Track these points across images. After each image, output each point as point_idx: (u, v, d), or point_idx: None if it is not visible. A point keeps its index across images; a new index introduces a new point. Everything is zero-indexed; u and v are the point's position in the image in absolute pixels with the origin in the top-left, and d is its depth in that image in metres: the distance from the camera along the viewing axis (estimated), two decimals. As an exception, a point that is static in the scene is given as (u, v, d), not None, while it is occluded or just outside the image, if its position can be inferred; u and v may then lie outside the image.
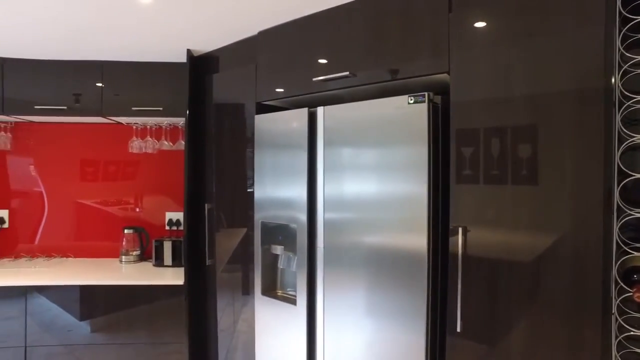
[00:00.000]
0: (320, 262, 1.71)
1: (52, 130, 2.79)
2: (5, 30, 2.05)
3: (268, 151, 1.90)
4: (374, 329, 1.56)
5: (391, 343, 1.51)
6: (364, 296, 1.58)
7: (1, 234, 2.76)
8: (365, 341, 1.58)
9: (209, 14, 1.86)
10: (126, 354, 2.28)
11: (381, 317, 1.54)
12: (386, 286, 1.53)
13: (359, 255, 1.59)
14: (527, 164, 1.25)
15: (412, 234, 1.45)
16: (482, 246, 1.33)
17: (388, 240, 1.52)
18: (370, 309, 1.57)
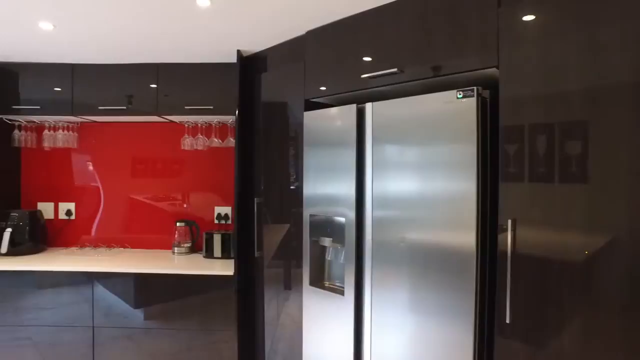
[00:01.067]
0: (368, 257, 1.77)
1: (110, 129, 3.03)
2: (75, 39, 2.28)
3: (316, 147, 1.99)
4: (419, 325, 1.60)
5: (437, 340, 1.54)
6: (411, 292, 1.63)
7: (69, 225, 3.05)
8: (410, 336, 1.63)
9: (260, 16, 1.98)
10: (180, 339, 2.46)
11: (427, 313, 1.57)
12: (433, 283, 1.56)
13: (407, 251, 1.63)
14: (579, 161, 1.24)
15: (460, 232, 1.48)
16: (531, 244, 1.34)
17: (436, 238, 1.55)
18: (417, 305, 1.61)
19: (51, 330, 2.48)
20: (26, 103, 2.73)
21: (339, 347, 1.88)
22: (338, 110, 1.90)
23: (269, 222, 2.40)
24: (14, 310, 2.49)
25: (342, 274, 1.87)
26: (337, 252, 1.93)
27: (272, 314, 2.40)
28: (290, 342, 2.26)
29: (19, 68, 2.75)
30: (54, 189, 3.06)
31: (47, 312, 2.49)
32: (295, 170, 2.28)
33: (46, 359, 2.48)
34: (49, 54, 2.58)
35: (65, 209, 3.04)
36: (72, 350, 2.47)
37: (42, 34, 2.21)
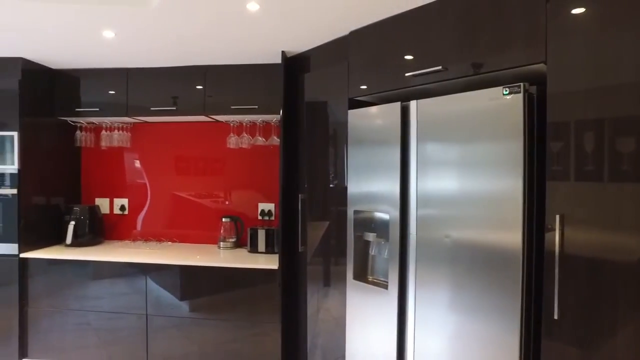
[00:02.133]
0: (412, 253, 1.82)
1: (159, 129, 3.24)
2: (132, 46, 2.47)
3: (360, 145, 2.06)
4: (462, 323, 1.63)
5: (481, 339, 1.56)
6: (454, 289, 1.66)
7: (122, 220, 3.28)
8: (453, 332, 1.66)
9: (305, 17, 2.07)
10: (225, 330, 2.60)
11: (470, 312, 1.60)
12: (477, 282, 1.58)
13: (450, 249, 1.67)
14: (631, 159, 1.23)
15: (505, 231, 1.49)
16: (580, 244, 1.33)
17: (480, 237, 1.57)
18: (460, 302, 1.64)
19: (109, 317, 2.70)
20: (87, 106, 2.97)
21: (381, 341, 1.94)
22: (382, 108, 1.97)
23: (311, 218, 2.50)
24: (76, 296, 2.72)
25: (386, 268, 1.93)
26: (381, 247, 1.99)
27: (314, 307, 2.49)
28: (331, 335, 2.34)
29: (80, 74, 3.00)
30: (109, 185, 3.30)
31: (105, 300, 2.70)
32: (338, 168, 2.36)
33: (104, 343, 2.69)
34: (107, 60, 2.80)
35: (120, 204, 3.28)
36: (128, 336, 2.67)
37: (104, 42, 2.42)
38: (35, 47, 2.57)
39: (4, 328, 2.73)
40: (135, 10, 2.00)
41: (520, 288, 1.45)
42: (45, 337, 2.75)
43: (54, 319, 2.74)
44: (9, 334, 2.72)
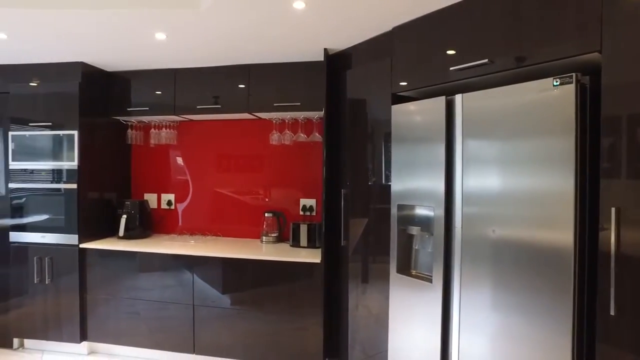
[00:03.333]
0: (457, 249, 1.83)
1: (204, 126, 3.39)
2: (181, 47, 2.61)
3: (404, 139, 2.09)
4: (508, 322, 1.63)
5: (530, 340, 1.55)
6: (499, 288, 1.66)
7: (169, 214, 3.47)
8: (499, 332, 1.66)
9: (350, 14, 2.12)
10: (268, 322, 2.70)
11: (517, 311, 1.59)
12: (525, 281, 1.57)
13: (497, 247, 1.67)
14: None
15: (555, 230, 1.47)
16: (638, 243, 1.30)
17: (528, 235, 1.56)
18: (506, 301, 1.64)
19: (158, 306, 2.87)
20: (137, 105, 3.16)
21: (425, 334, 1.97)
22: (426, 103, 1.99)
23: (353, 213, 2.55)
24: (128, 286, 2.91)
25: (430, 263, 1.96)
26: (425, 241, 2.02)
27: (355, 302, 2.55)
28: (373, 330, 2.39)
29: (132, 75, 3.19)
30: (157, 181, 3.50)
31: (154, 290, 2.87)
32: (378, 164, 2.40)
33: (153, 330, 2.86)
34: (156, 62, 2.97)
35: (167, 199, 3.46)
36: (175, 325, 2.83)
37: (156, 44, 2.57)
38: (93, 52, 2.77)
39: (68, 313, 2.96)
40: (186, 12, 2.12)
41: (572, 288, 1.43)
42: (102, 322, 2.96)
43: (109, 306, 2.94)
44: (72, 318, 2.96)
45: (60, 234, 2.98)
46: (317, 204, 3.15)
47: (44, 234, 3.02)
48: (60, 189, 3.00)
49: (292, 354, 2.66)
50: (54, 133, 2.99)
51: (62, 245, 2.97)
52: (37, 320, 3.00)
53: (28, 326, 3.03)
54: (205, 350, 2.79)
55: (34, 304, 3.01)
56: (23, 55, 2.88)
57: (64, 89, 2.96)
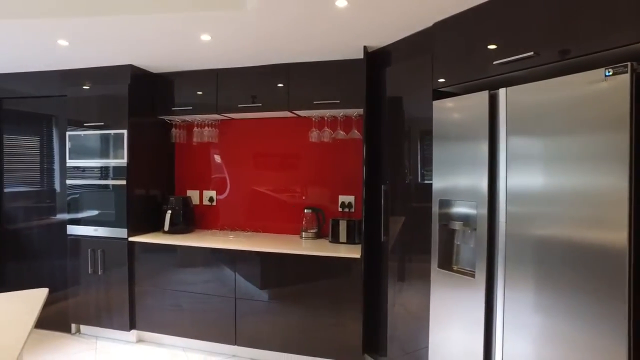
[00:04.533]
0: (501, 248, 1.83)
1: (244, 125, 3.51)
2: (225, 48, 2.73)
3: (445, 136, 2.11)
4: (554, 324, 1.61)
5: (579, 344, 1.53)
6: (544, 288, 1.64)
7: (211, 210, 3.61)
8: (545, 334, 1.64)
9: (389, 12, 2.16)
10: (308, 316, 2.77)
11: (564, 314, 1.57)
12: (573, 283, 1.54)
13: (541, 246, 1.66)
14: None
15: (607, 230, 1.43)
16: None
17: (576, 235, 1.53)
18: (551, 303, 1.62)
19: (200, 298, 3.00)
20: (180, 105, 3.32)
21: (467, 330, 1.98)
22: (469, 98, 1.99)
23: (392, 210, 2.58)
24: (173, 278, 3.07)
25: (472, 258, 1.97)
26: (467, 236, 2.03)
27: (394, 297, 2.58)
28: (413, 326, 2.41)
29: (175, 76, 3.36)
30: (198, 178, 3.65)
31: (198, 282, 3.01)
32: (419, 161, 2.43)
33: (196, 322, 3.00)
34: (199, 63, 3.11)
35: (208, 196, 3.61)
36: (217, 317, 2.95)
37: (201, 45, 2.70)
38: (141, 54, 2.94)
39: (119, 302, 3.16)
40: (231, 14, 2.23)
41: (627, 290, 1.39)
42: (149, 312, 3.13)
43: (155, 297, 3.11)
44: (122, 308, 3.15)
45: (111, 228, 3.18)
46: (355, 200, 3.20)
47: (96, 227, 3.23)
48: (110, 185, 3.20)
49: (331, 348, 2.72)
50: (106, 132, 3.19)
51: (112, 239, 3.17)
52: (91, 308, 3.22)
53: (83, 313, 3.26)
54: (246, 341, 2.90)
55: (88, 292, 3.22)
56: (78, 60, 3.09)
57: (115, 91, 3.16)
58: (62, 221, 3.37)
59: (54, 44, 2.72)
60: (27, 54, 2.98)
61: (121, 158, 3.15)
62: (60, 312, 3.33)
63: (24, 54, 2.97)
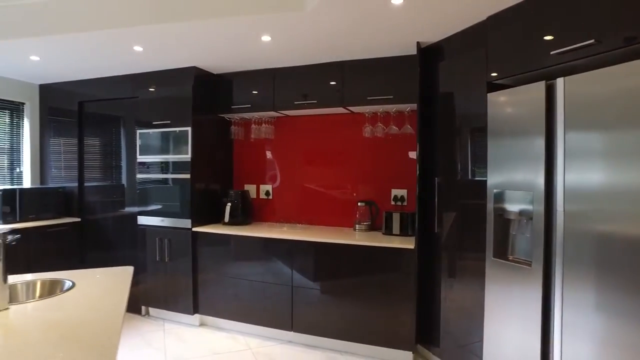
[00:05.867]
0: (559, 247, 1.85)
1: (298, 121, 3.69)
2: (283, 48, 2.91)
3: (501, 127, 2.15)
4: (616, 324, 1.60)
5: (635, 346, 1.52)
6: (607, 289, 1.63)
7: (267, 204, 3.83)
8: (607, 335, 1.64)
9: (444, 8, 2.24)
10: (362, 305, 2.89)
11: (626, 315, 1.55)
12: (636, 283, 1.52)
13: (602, 245, 1.65)
14: None
15: None
16: None
17: None
18: (613, 303, 1.60)
19: (258, 286, 3.20)
20: (239, 103, 3.56)
21: (523, 322, 2.01)
22: (525, 89, 2.02)
23: (445, 201, 2.65)
24: (232, 267, 3.29)
25: (529, 248, 2.00)
26: (523, 226, 2.07)
27: (448, 288, 2.64)
28: (466, 318, 2.46)
29: (234, 76, 3.60)
30: (255, 173, 3.88)
31: (256, 271, 3.22)
32: (472, 154, 2.48)
33: (254, 308, 3.21)
34: (257, 63, 3.32)
35: (265, 190, 3.82)
36: (274, 304, 3.14)
37: (261, 46, 2.91)
38: (203, 57, 3.20)
39: (183, 288, 3.44)
40: (291, 15, 2.40)
41: None
42: (210, 298, 3.38)
43: (216, 284, 3.36)
44: (187, 293, 3.42)
45: (176, 219, 3.47)
46: (408, 194, 3.28)
47: (162, 218, 3.53)
48: (176, 179, 3.49)
49: (384, 337, 2.83)
50: (171, 130, 3.49)
51: (177, 229, 3.46)
52: (159, 292, 3.52)
53: (152, 296, 3.57)
54: (302, 328, 3.07)
55: (156, 278, 3.53)
56: (148, 64, 3.40)
57: (180, 92, 3.45)
58: (132, 213, 3.72)
59: (130, 50, 3.03)
60: (106, 61, 3.33)
61: (185, 154, 3.43)
62: (131, 294, 3.62)
63: (103, 60, 3.32)
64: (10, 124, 4.05)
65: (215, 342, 3.16)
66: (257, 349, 3.05)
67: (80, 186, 4.08)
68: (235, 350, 3.03)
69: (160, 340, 3.17)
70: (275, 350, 3.04)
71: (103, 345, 1.14)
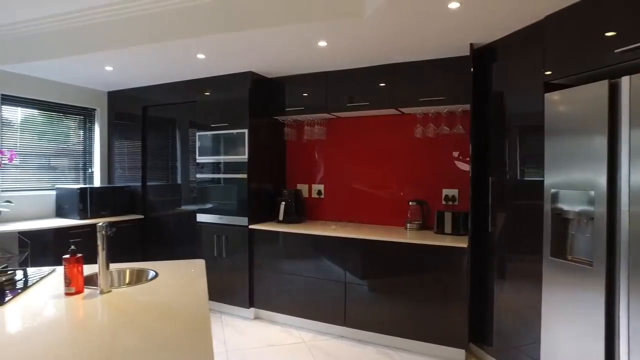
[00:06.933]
0: (624, 248, 1.85)
1: (348, 123, 3.80)
2: (338, 53, 3.04)
3: (559, 127, 2.16)
4: None
5: None
6: None
7: (320, 203, 3.97)
8: None
9: (501, 9, 2.27)
10: (414, 302, 2.96)
11: None
12: None
13: None
14: None
15: None
16: None
17: None
18: None
19: (312, 282, 3.34)
20: (292, 106, 3.72)
21: (585, 322, 2.00)
22: (585, 89, 2.02)
23: (498, 201, 2.67)
24: (286, 263, 3.45)
25: (589, 248, 2.00)
26: (583, 225, 2.07)
27: (502, 288, 2.66)
28: (521, 318, 2.48)
29: (287, 79, 3.76)
30: (307, 173, 4.03)
31: (309, 267, 3.36)
32: (528, 152, 2.50)
33: (307, 303, 3.35)
34: (310, 66, 3.46)
35: (317, 189, 3.97)
36: (327, 300, 3.27)
37: (317, 51, 3.04)
38: (260, 62, 3.38)
39: (240, 283, 3.64)
40: (350, 21, 2.51)
41: None
42: (265, 292, 3.56)
43: (271, 279, 3.53)
44: (243, 288, 3.62)
45: (233, 216, 3.68)
46: (459, 193, 3.32)
47: (220, 215, 3.75)
48: (233, 179, 3.69)
49: (436, 334, 2.89)
50: (229, 132, 3.70)
51: (234, 226, 3.66)
52: (217, 286, 3.74)
53: (210, 290, 3.76)
54: (355, 323, 3.18)
55: (214, 272, 3.74)
56: (207, 70, 3.63)
57: (237, 95, 3.65)
58: (190, 210, 3.98)
59: (194, 58, 3.26)
60: (170, 68, 3.59)
61: (242, 155, 3.63)
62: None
63: (167, 68, 3.58)
64: (83, 128, 4.44)
65: (271, 335, 3.33)
66: (311, 343, 3.19)
67: (143, 185, 4.40)
68: (289, 343, 3.18)
69: (219, 331, 3.38)
70: (328, 344, 3.17)
71: (198, 323, 1.30)
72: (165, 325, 1.28)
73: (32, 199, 3.95)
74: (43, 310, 1.41)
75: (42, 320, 1.31)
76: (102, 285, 1.62)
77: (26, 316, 1.35)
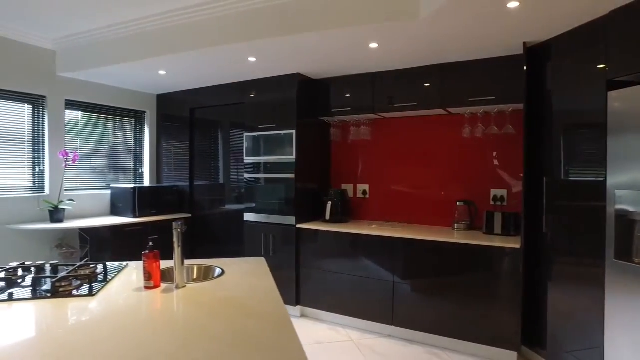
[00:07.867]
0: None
1: (395, 123, 3.82)
2: (387, 53, 3.06)
3: (624, 126, 2.11)
4: None
5: None
6: None
7: (365, 203, 4.01)
8: None
9: (562, 6, 2.23)
10: (463, 303, 2.95)
11: None
12: None
13: None
14: None
15: None
16: None
17: None
18: None
19: (359, 280, 3.38)
20: (337, 106, 3.77)
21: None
22: (654, 86, 1.99)
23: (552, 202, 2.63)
24: (334, 262, 3.51)
25: (657, 250, 1.96)
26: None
27: (557, 289, 2.62)
28: (577, 321, 2.43)
29: (331, 81, 3.82)
30: (351, 173, 4.07)
31: (357, 266, 3.40)
32: (586, 152, 2.45)
33: (354, 302, 3.39)
34: (357, 67, 3.50)
35: (362, 189, 4.01)
36: (375, 298, 3.30)
37: (367, 53, 3.08)
38: (308, 64, 3.44)
39: (288, 280, 3.72)
40: (404, 24, 2.53)
41: None
42: (312, 290, 3.63)
43: (318, 277, 3.59)
44: (290, 285, 3.71)
45: (281, 216, 3.76)
46: (508, 194, 3.28)
47: (268, 215, 3.84)
48: (280, 179, 3.78)
49: (487, 335, 2.87)
50: (277, 133, 3.79)
51: (282, 225, 3.75)
52: (265, 283, 3.83)
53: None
54: (403, 322, 3.20)
55: (262, 270, 3.85)
56: (255, 72, 3.74)
57: (284, 97, 3.74)
58: (235, 209, 4.09)
59: (245, 61, 3.36)
60: (221, 71, 3.72)
61: (290, 155, 3.71)
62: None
63: (218, 71, 3.71)
64: (134, 130, 4.65)
65: (318, 333, 3.40)
66: (359, 341, 3.23)
67: (191, 185, 4.56)
68: (337, 341, 3.24)
69: (268, 327, 3.47)
70: (377, 342, 3.21)
71: (277, 315, 1.37)
72: (249, 321, 1.35)
73: (91, 197, 4.18)
74: (129, 302, 1.52)
75: (132, 310, 1.41)
76: (177, 280, 1.72)
77: (117, 307, 1.46)
